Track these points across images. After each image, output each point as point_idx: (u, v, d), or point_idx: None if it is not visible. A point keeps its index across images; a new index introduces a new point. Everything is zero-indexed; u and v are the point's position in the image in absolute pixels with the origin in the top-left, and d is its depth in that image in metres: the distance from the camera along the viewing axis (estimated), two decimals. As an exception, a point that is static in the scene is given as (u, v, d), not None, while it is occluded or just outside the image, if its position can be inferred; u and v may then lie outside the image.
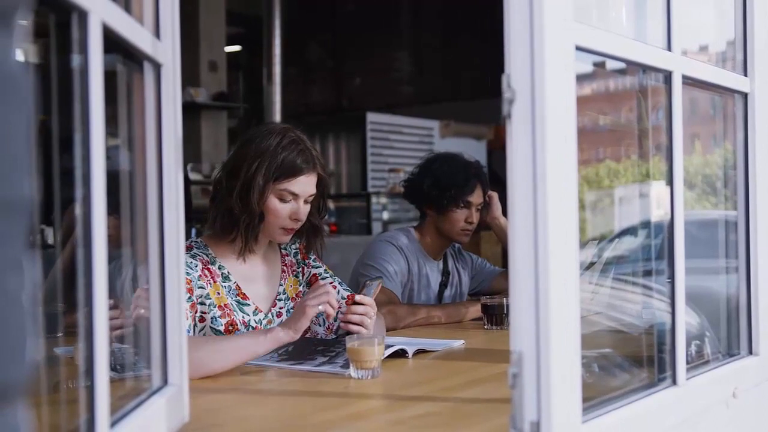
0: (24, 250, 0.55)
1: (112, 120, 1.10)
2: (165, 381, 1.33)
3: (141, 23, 1.24)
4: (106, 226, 1.01)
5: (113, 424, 1.05)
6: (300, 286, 2.35)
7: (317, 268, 2.40)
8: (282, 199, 2.15)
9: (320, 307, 1.94)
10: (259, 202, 2.12)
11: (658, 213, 1.93)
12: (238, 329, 2.14)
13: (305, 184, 2.18)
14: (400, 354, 2.06)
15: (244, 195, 2.12)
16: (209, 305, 2.11)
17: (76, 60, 0.99)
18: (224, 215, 2.16)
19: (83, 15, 0.97)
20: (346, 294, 2.34)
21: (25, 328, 0.54)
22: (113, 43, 1.09)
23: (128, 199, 1.32)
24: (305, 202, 2.20)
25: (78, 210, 0.98)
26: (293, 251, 2.38)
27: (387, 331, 2.57)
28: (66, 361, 1.41)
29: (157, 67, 1.31)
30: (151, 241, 1.32)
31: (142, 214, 1.32)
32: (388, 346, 1.99)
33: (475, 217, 2.94)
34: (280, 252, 2.36)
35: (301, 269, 2.38)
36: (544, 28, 1.13)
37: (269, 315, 2.24)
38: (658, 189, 1.89)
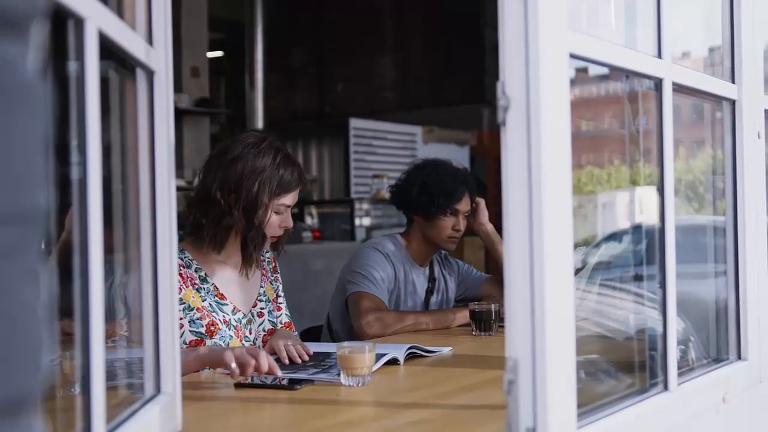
0: (39, 260, 0.54)
1: (104, 126, 1.10)
2: (158, 389, 1.32)
3: (134, 29, 1.24)
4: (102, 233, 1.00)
5: (109, 433, 1.04)
6: (274, 292, 2.44)
7: (279, 284, 2.48)
8: (278, 213, 2.25)
9: (233, 365, 1.82)
10: (264, 219, 2.21)
11: (643, 218, 1.94)
12: (219, 329, 2.19)
13: (296, 196, 2.29)
14: (391, 361, 2.06)
15: (250, 213, 2.19)
16: (184, 309, 2.15)
17: (71, 66, 0.98)
18: (224, 231, 2.21)
19: (79, 22, 0.96)
20: (285, 320, 2.43)
21: (41, 337, 0.54)
22: (106, 49, 1.08)
23: (120, 206, 1.32)
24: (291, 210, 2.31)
25: (75, 216, 0.97)
26: (267, 259, 2.46)
27: (375, 338, 2.58)
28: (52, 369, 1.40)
29: (150, 74, 1.30)
30: (144, 249, 1.31)
31: (134, 221, 1.32)
32: (379, 356, 1.98)
33: (462, 225, 2.94)
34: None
35: (275, 278, 2.47)
36: (539, 36, 1.13)
37: (249, 315, 2.31)
38: (642, 195, 1.91)
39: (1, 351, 0.50)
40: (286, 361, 2.06)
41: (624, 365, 1.69)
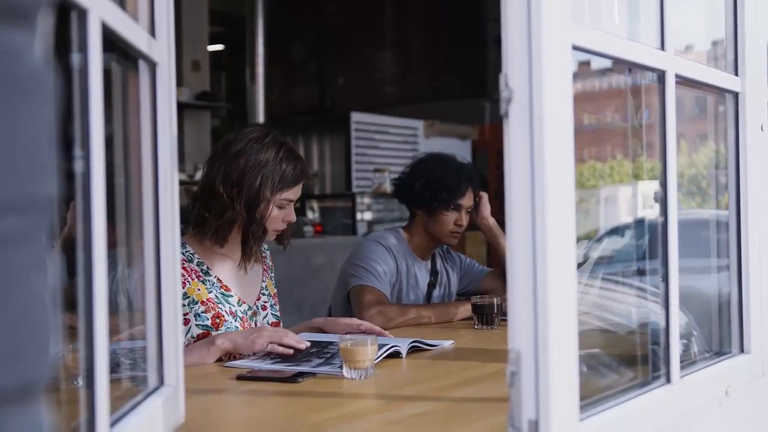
0: (47, 249, 0.54)
1: (106, 119, 1.09)
2: (161, 381, 1.32)
3: (136, 21, 1.23)
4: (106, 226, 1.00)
5: (112, 424, 1.04)
6: (274, 288, 2.46)
7: (274, 282, 2.51)
8: (280, 207, 2.26)
9: (269, 347, 2.03)
10: (265, 213, 2.22)
11: (646, 213, 1.94)
12: (225, 320, 2.21)
13: (299, 190, 2.29)
14: (393, 354, 2.06)
15: (252, 207, 2.21)
16: (189, 304, 2.17)
17: (74, 58, 0.98)
18: (226, 225, 2.23)
19: (83, 13, 0.96)
20: (272, 320, 2.42)
21: (48, 326, 0.54)
22: (108, 41, 1.08)
23: (122, 200, 1.31)
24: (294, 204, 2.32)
25: (78, 210, 0.97)
26: (268, 255, 2.49)
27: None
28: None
29: (152, 65, 1.30)
30: (147, 242, 1.31)
31: (136, 214, 1.32)
32: (381, 346, 1.99)
33: (465, 220, 2.93)
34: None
35: (272, 275, 2.49)
36: (542, 27, 1.13)
37: (254, 307, 2.33)
38: (645, 189, 1.90)
39: (8, 339, 0.50)
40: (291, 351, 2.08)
41: (626, 359, 1.69)
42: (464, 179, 2.92)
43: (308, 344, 2.07)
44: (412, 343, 2.14)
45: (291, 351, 2.02)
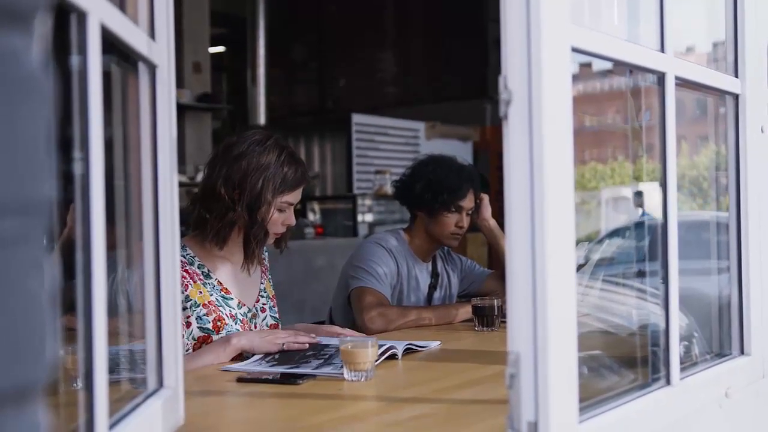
0: (44, 251, 0.54)
1: (106, 121, 1.09)
2: (160, 383, 1.32)
3: (136, 23, 1.24)
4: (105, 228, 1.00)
5: (111, 426, 1.04)
6: (272, 289, 2.47)
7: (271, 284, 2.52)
8: (281, 210, 2.27)
9: (285, 346, 2.09)
10: (266, 216, 2.23)
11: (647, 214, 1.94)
12: (226, 323, 2.22)
13: (299, 194, 2.31)
14: (389, 356, 2.06)
15: (253, 210, 2.22)
16: (191, 306, 2.18)
17: (74, 60, 0.98)
18: (227, 227, 2.24)
19: (82, 16, 0.96)
20: (271, 322, 2.42)
21: (46, 328, 0.54)
22: (108, 43, 1.08)
23: (122, 202, 1.32)
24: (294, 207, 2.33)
25: (77, 212, 0.97)
26: (266, 257, 2.50)
27: (378, 333, 2.58)
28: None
29: (152, 68, 1.30)
30: (146, 244, 1.31)
31: (136, 216, 1.32)
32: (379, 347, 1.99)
33: (466, 222, 2.93)
34: None
35: (271, 276, 2.50)
36: (541, 29, 1.13)
37: (253, 309, 2.35)
38: (646, 190, 1.90)
39: (4, 340, 0.50)
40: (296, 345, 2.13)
41: (626, 360, 1.69)
42: (465, 181, 2.91)
43: (320, 339, 2.15)
44: (406, 345, 2.15)
45: (306, 345, 2.10)
